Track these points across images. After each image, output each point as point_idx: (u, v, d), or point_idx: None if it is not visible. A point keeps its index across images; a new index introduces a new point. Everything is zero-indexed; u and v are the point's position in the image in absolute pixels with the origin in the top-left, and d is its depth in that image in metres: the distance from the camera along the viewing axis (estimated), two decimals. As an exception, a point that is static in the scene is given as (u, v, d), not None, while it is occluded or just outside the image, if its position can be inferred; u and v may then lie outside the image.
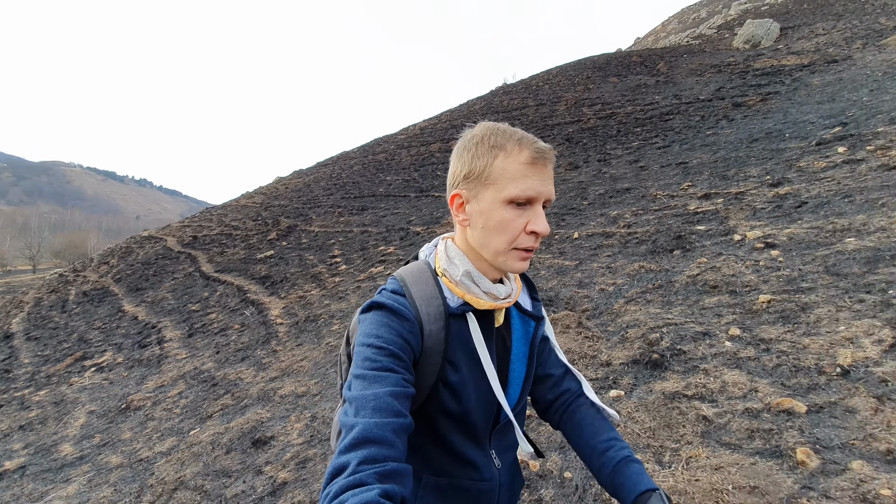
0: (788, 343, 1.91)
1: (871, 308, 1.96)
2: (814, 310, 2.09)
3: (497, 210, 0.65)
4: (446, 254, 0.72)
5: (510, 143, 0.65)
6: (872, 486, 1.20)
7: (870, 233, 2.69)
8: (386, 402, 0.56)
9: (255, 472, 2.29)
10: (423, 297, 0.68)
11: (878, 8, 14.27)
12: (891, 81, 7.35)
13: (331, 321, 4.74)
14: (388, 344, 0.62)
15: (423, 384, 0.67)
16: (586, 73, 17.27)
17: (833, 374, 1.65)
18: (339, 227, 9.38)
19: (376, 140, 20.43)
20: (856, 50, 11.16)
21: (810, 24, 14.76)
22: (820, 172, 4.23)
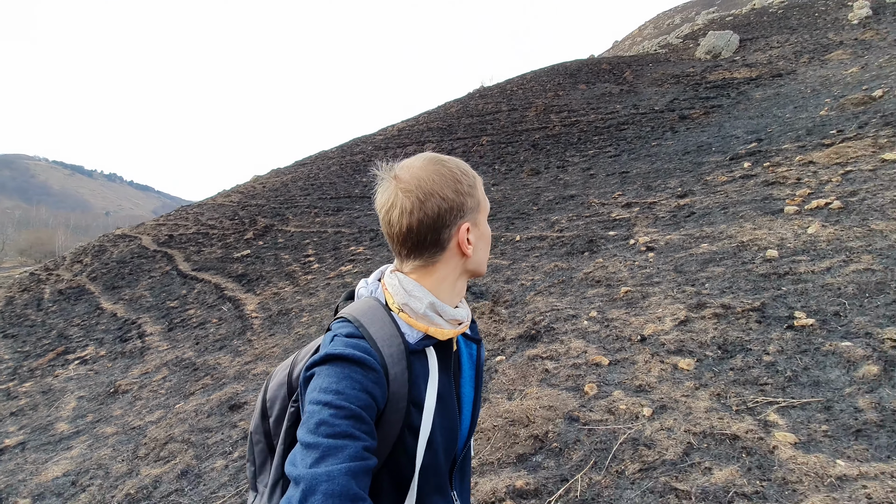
0: (622, 321, 2.69)
1: (685, 297, 2.76)
2: (650, 298, 2.89)
3: (486, 225, 0.75)
4: (402, 287, 0.67)
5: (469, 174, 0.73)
6: (621, 404, 1.96)
7: (720, 240, 3.52)
8: (341, 485, 0.48)
9: (230, 426, 2.95)
10: (383, 336, 0.63)
11: (828, 23, 15.60)
12: (815, 99, 8.39)
13: (301, 314, 5.38)
14: (350, 402, 0.54)
15: (387, 436, 0.61)
16: (558, 80, 18.19)
17: (636, 340, 2.43)
18: (315, 228, 9.95)
19: (355, 140, 20.91)
20: (802, 64, 12.33)
21: (766, 36, 16.01)
22: (718, 186, 5.11)
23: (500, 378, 2.43)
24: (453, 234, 0.68)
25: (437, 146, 15.48)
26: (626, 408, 1.90)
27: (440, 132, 16.97)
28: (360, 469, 0.51)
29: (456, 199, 0.69)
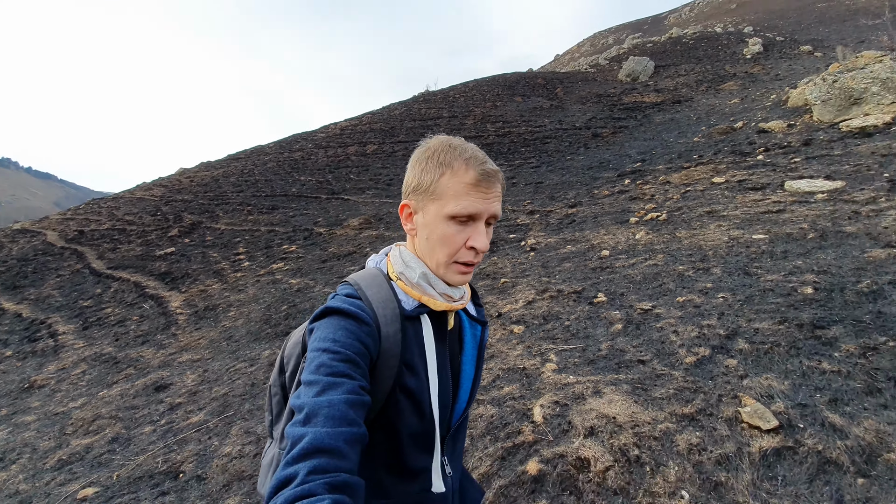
0: (491, 303, 3.59)
1: (539, 285, 3.73)
2: (518, 286, 3.83)
3: (440, 224, 0.70)
4: (401, 258, 0.75)
5: (457, 162, 0.70)
6: None
7: (580, 243, 4.59)
8: (340, 411, 0.55)
9: (157, 402, 3.44)
10: (379, 299, 0.70)
11: (727, 56, 18.42)
12: (696, 126, 10.20)
13: (228, 309, 5.80)
14: (345, 348, 0.61)
15: (379, 390, 0.67)
16: (497, 90, 19.57)
17: (494, 315, 3.33)
18: (247, 226, 10.14)
19: (295, 136, 20.80)
20: (699, 92, 14.59)
21: (677, 64, 18.52)
22: (600, 199, 6.32)
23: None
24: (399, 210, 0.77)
25: (378, 148, 16.06)
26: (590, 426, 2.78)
27: (382, 134, 17.55)
28: (356, 401, 0.57)
29: (410, 176, 0.75)
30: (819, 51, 15.26)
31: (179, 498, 2.20)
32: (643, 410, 1.79)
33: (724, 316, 2.39)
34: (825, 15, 20.46)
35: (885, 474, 1.37)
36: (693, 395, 1.83)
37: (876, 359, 1.79)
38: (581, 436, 1.73)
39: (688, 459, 1.52)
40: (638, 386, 1.98)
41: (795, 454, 1.46)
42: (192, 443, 2.72)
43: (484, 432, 2.01)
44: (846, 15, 19.60)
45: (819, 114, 6.94)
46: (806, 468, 1.41)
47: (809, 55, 15.23)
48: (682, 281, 3.04)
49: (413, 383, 0.69)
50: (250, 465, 2.34)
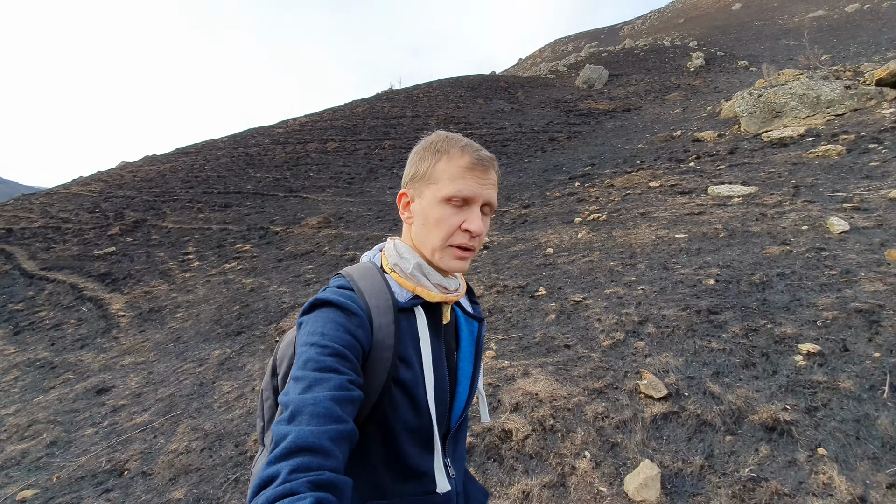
0: (443, 300, 3.81)
1: (488, 280, 3.97)
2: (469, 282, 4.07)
3: (435, 207, 0.71)
4: (396, 250, 0.76)
5: (454, 149, 0.72)
6: None
7: (529, 241, 4.90)
8: (325, 408, 0.54)
9: (98, 405, 3.37)
10: (372, 290, 0.70)
11: (673, 68, 19.75)
12: (642, 133, 10.93)
13: (176, 310, 5.65)
14: (334, 342, 0.60)
15: (373, 383, 0.66)
16: (460, 92, 19.91)
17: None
18: (197, 224, 9.79)
19: (250, 131, 20.14)
20: (648, 101, 15.58)
21: (629, 74, 19.65)
22: (551, 200, 6.71)
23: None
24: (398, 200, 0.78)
25: (339, 145, 15.91)
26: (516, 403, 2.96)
27: (344, 131, 17.39)
28: (344, 397, 0.55)
29: (408, 167, 0.77)
30: (754, 66, 16.71)
31: (124, 494, 2.23)
32: (562, 387, 2.05)
33: (640, 305, 2.72)
34: (761, 33, 22.38)
35: (748, 432, 1.69)
36: (605, 372, 2.11)
37: (755, 338, 2.15)
38: (507, 411, 1.97)
39: (592, 426, 1.79)
40: (561, 367, 2.24)
41: (679, 417, 1.76)
42: (136, 442, 2.72)
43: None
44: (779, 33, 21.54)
45: (746, 125, 7.70)
46: (686, 429, 1.71)
47: (746, 70, 16.65)
48: (611, 275, 3.39)
49: (408, 376, 0.68)
50: (197, 458, 2.40)
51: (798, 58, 15.69)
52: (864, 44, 16.22)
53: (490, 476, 1.70)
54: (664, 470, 1.52)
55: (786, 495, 1.36)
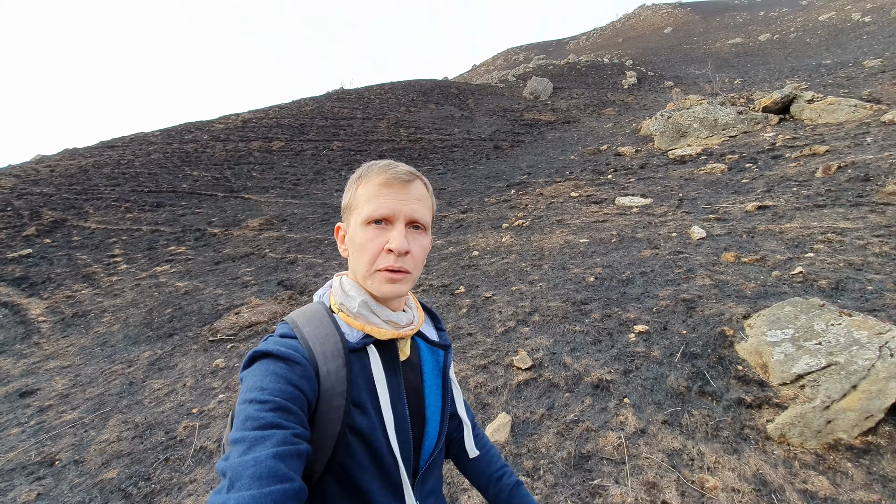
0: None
1: (417, 281, 4.43)
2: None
3: (358, 232, 0.71)
4: (341, 288, 0.74)
5: (372, 172, 0.73)
6: None
7: (460, 245, 5.43)
8: (268, 467, 0.52)
9: (23, 407, 3.43)
10: (317, 335, 0.67)
11: (610, 85, 21.46)
12: (576, 145, 11.96)
13: (102, 315, 5.59)
14: (274, 395, 0.58)
15: (326, 435, 0.64)
16: (412, 96, 20.37)
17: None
18: (125, 225, 9.44)
19: (187, 125, 19.28)
20: (586, 115, 16.90)
21: (571, 88, 21.09)
22: (487, 206, 7.32)
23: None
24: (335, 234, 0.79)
25: (285, 145, 15.76)
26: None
27: (291, 130, 17.22)
28: (288, 453, 0.54)
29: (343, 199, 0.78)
30: (678, 86, 18.62)
31: (56, 479, 2.43)
32: (456, 365, 2.54)
33: (534, 299, 3.31)
34: (688, 55, 24.86)
35: (581, 390, 2.26)
36: (492, 353, 2.64)
37: (607, 322, 2.78)
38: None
39: (472, 392, 2.29)
40: (459, 350, 2.74)
41: (536, 382, 2.30)
42: (66, 437, 2.89)
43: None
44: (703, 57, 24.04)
45: (658, 143, 8.81)
46: (539, 390, 2.26)
47: (670, 90, 18.50)
48: (520, 275, 3.98)
49: (363, 423, 0.66)
50: (129, 445, 2.64)
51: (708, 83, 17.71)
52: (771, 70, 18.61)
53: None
54: (515, 419, 2.04)
55: (593, 430, 1.92)
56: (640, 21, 32.71)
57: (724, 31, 26.37)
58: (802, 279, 2.67)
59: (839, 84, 9.08)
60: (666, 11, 32.03)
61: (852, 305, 2.27)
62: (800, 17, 24.17)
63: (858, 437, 1.55)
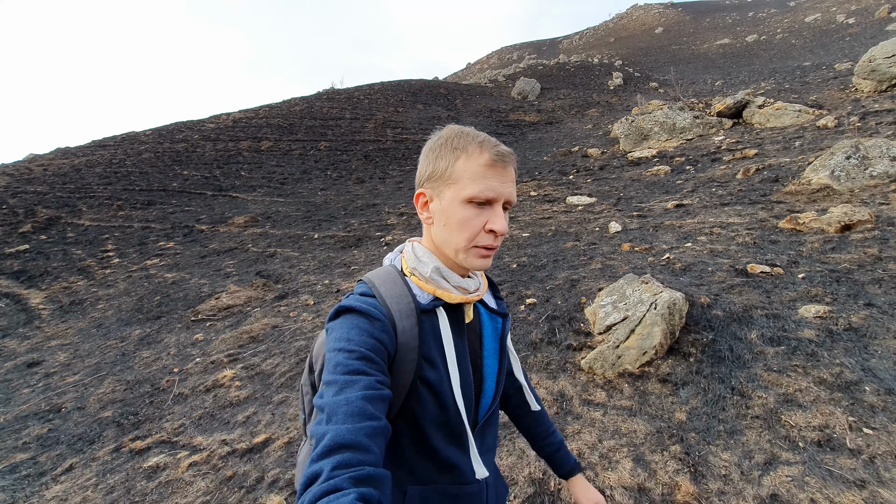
0: (337, 284, 4.90)
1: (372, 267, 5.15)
2: (362, 272, 5.19)
3: (457, 209, 0.74)
4: (414, 253, 0.81)
5: (471, 146, 0.75)
6: (306, 315, 4.09)
7: (423, 240, 6.15)
8: (358, 407, 0.60)
9: (31, 375, 4.13)
10: (393, 295, 0.75)
11: (597, 85, 22.18)
12: (552, 147, 12.65)
13: (97, 303, 6.28)
14: (360, 346, 0.67)
15: (400, 384, 0.73)
16: (401, 96, 21.07)
17: (334, 292, 4.65)
18: (117, 222, 10.12)
19: (178, 125, 19.95)
20: (569, 116, 17.61)
21: (558, 88, 21.81)
22: (456, 205, 8.04)
23: (254, 315, 4.36)
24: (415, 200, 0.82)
25: (274, 144, 16.45)
26: (309, 316, 4.05)
27: (280, 130, 17.90)
28: (374, 396, 0.63)
29: (423, 165, 0.81)
30: (662, 87, 19.35)
31: (63, 420, 3.13)
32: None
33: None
34: (676, 56, 25.60)
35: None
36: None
37: (510, 298, 3.47)
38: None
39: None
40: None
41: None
42: (69, 393, 3.59)
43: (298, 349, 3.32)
44: (690, 58, 24.79)
45: (623, 145, 9.53)
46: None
47: (655, 91, 19.23)
48: (462, 264, 4.69)
49: (433, 376, 0.74)
50: (121, 395, 3.34)
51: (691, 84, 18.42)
52: (753, 71, 19.34)
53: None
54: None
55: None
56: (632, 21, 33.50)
57: (713, 32, 27.13)
58: (666, 263, 3.38)
59: (793, 89, 9.81)
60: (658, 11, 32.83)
61: (683, 282, 2.98)
62: (787, 19, 24.94)
63: (639, 367, 2.24)
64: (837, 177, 4.52)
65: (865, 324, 2.18)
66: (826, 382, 1.86)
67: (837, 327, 2.19)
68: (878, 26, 20.21)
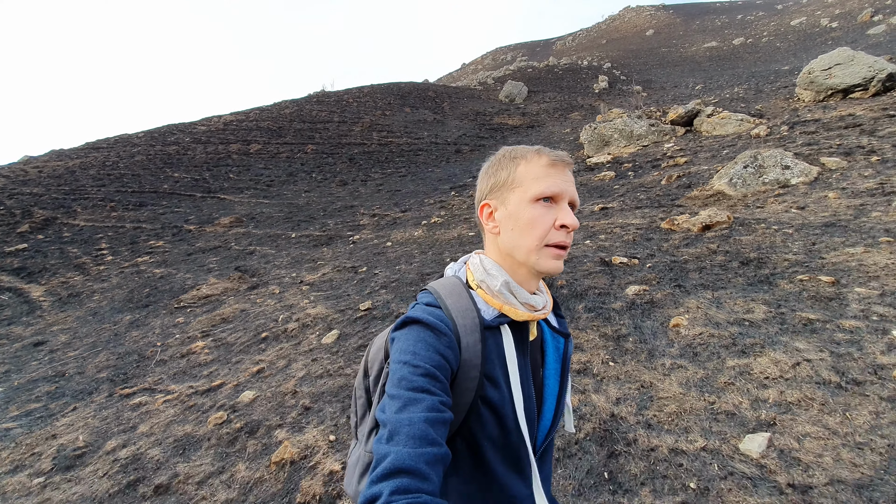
0: (301, 276, 5.78)
1: (338, 265, 6.01)
2: (325, 266, 6.07)
3: (525, 209, 0.77)
4: (482, 266, 0.81)
5: (530, 153, 0.81)
6: (269, 301, 4.98)
7: (383, 238, 7.01)
8: (420, 430, 0.62)
9: (37, 352, 5.01)
10: (459, 308, 0.76)
11: (583, 88, 23.07)
12: (531, 149, 13.54)
13: (92, 295, 7.17)
14: (425, 362, 0.68)
15: (461, 402, 0.73)
16: (389, 99, 21.99)
17: (299, 282, 5.53)
18: (111, 223, 11.03)
19: (170, 127, 20.89)
20: (552, 119, 18.49)
21: (545, 91, 22.72)
22: (424, 206, 8.91)
23: (228, 302, 5.24)
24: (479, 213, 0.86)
25: (262, 147, 17.37)
26: (272, 301, 4.93)
27: (269, 133, 18.83)
28: (436, 419, 0.64)
29: (483, 183, 0.86)
30: (645, 91, 20.24)
31: (66, 381, 4.01)
32: (326, 310, 4.11)
33: (404, 274, 4.88)
34: (664, 59, 26.51)
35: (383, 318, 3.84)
36: (354, 303, 4.21)
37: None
38: (296, 321, 4.00)
39: (331, 322, 3.86)
40: (334, 299, 4.32)
41: (370, 314, 3.88)
42: (71, 363, 4.47)
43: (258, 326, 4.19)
44: (678, 61, 25.68)
45: (587, 150, 10.40)
46: (367, 322, 3.83)
47: (638, 94, 20.11)
48: (408, 259, 5.56)
49: (495, 396, 0.75)
50: (114, 362, 4.22)
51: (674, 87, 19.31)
52: (734, 75, 20.21)
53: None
54: (342, 333, 3.61)
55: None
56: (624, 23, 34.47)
57: (702, 35, 28.05)
58: (559, 256, 4.27)
59: (745, 98, 10.69)
60: (649, 14, 33.81)
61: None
62: (773, 22, 25.85)
63: None
64: (734, 184, 5.38)
65: (663, 298, 3.05)
66: (606, 335, 2.72)
67: (640, 301, 3.05)
68: (859, 30, 21.09)
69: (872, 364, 2.01)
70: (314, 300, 4.64)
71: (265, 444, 2.31)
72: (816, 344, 2.19)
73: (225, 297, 5.63)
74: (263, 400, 2.79)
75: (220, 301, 5.48)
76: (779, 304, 2.57)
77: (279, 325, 4.10)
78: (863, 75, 7.82)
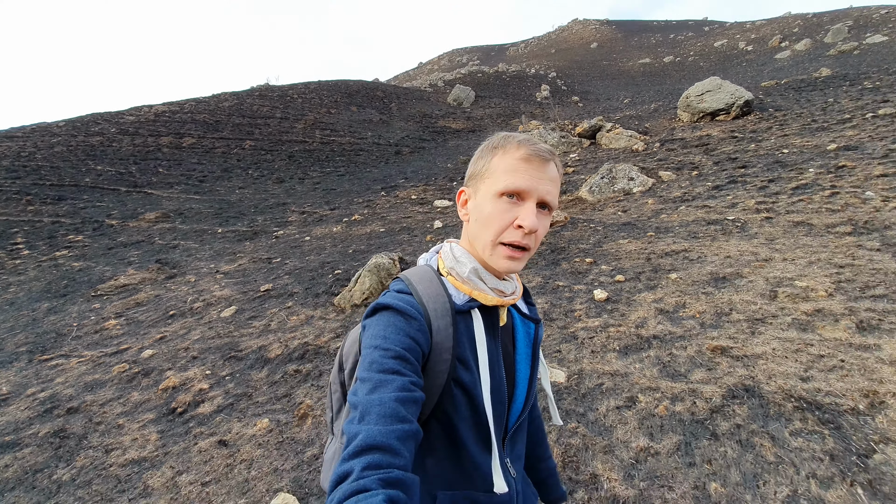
0: (217, 267, 6.50)
1: (256, 256, 6.78)
2: (244, 258, 6.82)
3: (488, 202, 0.80)
4: (452, 253, 0.87)
5: (511, 144, 0.82)
6: (201, 299, 5.69)
7: (306, 233, 7.83)
8: (391, 408, 0.65)
9: (-51, 334, 5.45)
10: (430, 294, 0.81)
11: (526, 96, 24.76)
12: (456, 155, 14.70)
13: (8, 287, 7.48)
14: (395, 345, 0.73)
15: (434, 384, 0.78)
16: (336, 97, 22.60)
17: (215, 272, 6.26)
18: (27, 217, 11.05)
19: (94, 116, 20.39)
20: (496, 124, 19.86)
21: (492, 97, 24.18)
22: (352, 205, 9.78)
23: (144, 290, 5.89)
24: (457, 198, 0.90)
25: (196, 141, 17.51)
26: (186, 288, 5.65)
27: (205, 126, 18.93)
28: (407, 398, 0.68)
29: (471, 166, 0.88)
30: (582, 101, 22.11)
31: (-16, 355, 4.57)
32: (231, 292, 4.93)
33: (311, 262, 5.76)
34: (604, 72, 28.84)
35: (287, 296, 4.72)
36: (258, 286, 5.05)
37: (325, 269, 5.26)
38: (202, 301, 4.79)
39: (237, 300, 4.69)
40: (241, 284, 5.13)
41: (268, 294, 4.75)
42: (-14, 342, 4.98)
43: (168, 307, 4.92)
44: (616, 74, 28.03)
45: (508, 157, 11.68)
46: (259, 300, 4.70)
47: (575, 104, 21.96)
48: (319, 251, 6.44)
49: (466, 377, 0.80)
50: (32, 339, 4.80)
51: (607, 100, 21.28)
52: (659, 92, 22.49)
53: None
54: (241, 307, 4.47)
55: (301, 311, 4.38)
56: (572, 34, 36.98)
57: (638, 51, 30.74)
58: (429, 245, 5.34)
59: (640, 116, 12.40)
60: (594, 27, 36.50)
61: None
62: (700, 42, 28.84)
63: (362, 300, 4.10)
64: (593, 191, 6.70)
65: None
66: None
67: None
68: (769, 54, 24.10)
69: (542, 311, 3.16)
70: (224, 286, 5.43)
71: (156, 379, 3.13)
72: (548, 298, 3.34)
73: (142, 286, 6.25)
74: (160, 355, 3.59)
75: (136, 289, 6.11)
76: (549, 278, 3.71)
77: (187, 305, 4.87)
78: (726, 101, 9.56)
